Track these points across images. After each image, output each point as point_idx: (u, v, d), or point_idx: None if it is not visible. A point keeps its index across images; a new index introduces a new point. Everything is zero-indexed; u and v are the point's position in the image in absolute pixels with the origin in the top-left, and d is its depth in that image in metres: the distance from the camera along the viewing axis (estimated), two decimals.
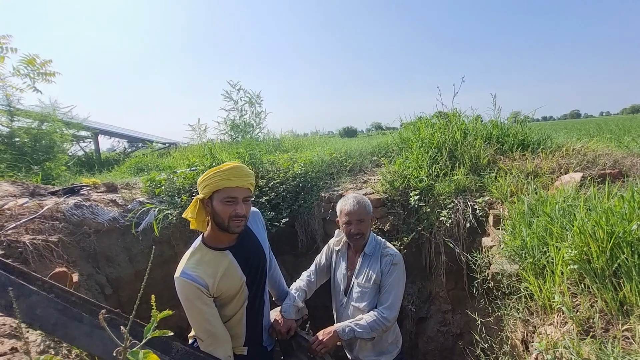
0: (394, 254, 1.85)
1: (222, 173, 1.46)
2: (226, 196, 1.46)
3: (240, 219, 1.50)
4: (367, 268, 1.85)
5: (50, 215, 2.25)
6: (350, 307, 1.89)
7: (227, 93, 5.79)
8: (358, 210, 1.81)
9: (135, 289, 2.49)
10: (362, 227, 1.83)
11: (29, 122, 4.47)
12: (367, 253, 1.87)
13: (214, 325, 1.50)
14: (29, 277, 1.05)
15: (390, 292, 1.80)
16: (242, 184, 1.48)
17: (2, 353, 1.20)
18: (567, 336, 1.18)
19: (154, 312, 0.51)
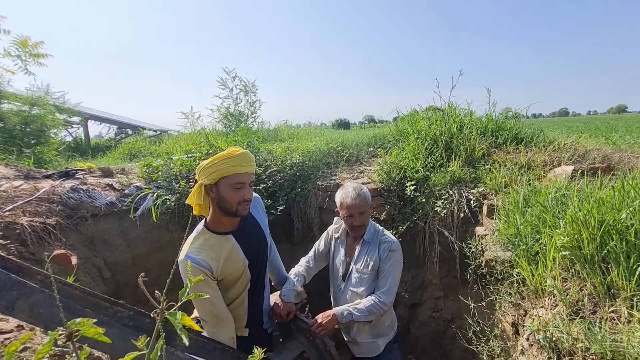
0: (392, 240, 1.90)
1: (233, 159, 1.47)
2: (236, 182, 1.49)
3: (247, 203, 1.54)
4: (365, 255, 1.90)
5: (47, 198, 2.23)
6: (348, 292, 1.94)
7: (223, 80, 5.71)
8: (360, 204, 1.83)
9: (133, 273, 2.50)
10: (364, 219, 1.87)
11: (19, 105, 4.36)
12: (366, 240, 1.92)
13: (218, 307, 1.53)
14: (29, 271, 1.01)
15: (388, 277, 1.85)
16: (249, 169, 1.52)
17: (8, 331, 1.21)
18: (558, 317, 1.25)
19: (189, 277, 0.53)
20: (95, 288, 2.08)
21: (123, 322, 1.08)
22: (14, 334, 1.21)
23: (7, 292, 0.92)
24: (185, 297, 0.50)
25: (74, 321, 0.51)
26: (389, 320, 1.98)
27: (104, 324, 1.00)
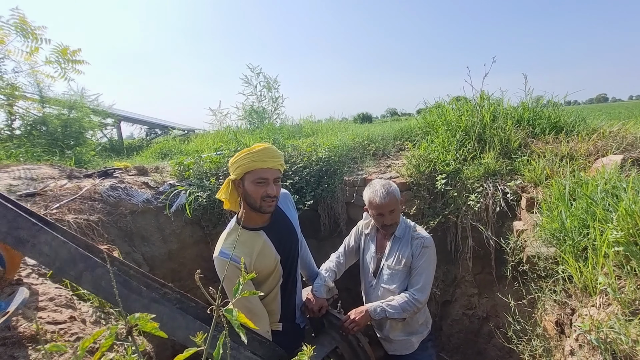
0: (425, 237, 1.84)
1: (254, 154, 1.47)
2: (257, 177, 1.49)
3: (271, 199, 1.52)
4: (397, 251, 1.86)
5: (89, 196, 2.35)
6: (380, 289, 1.92)
7: (247, 78, 5.79)
8: (389, 202, 1.78)
9: (169, 267, 2.60)
10: (395, 217, 1.83)
11: (59, 108, 4.62)
12: (397, 236, 1.87)
13: (253, 302, 1.56)
14: (93, 249, 1.12)
15: (422, 274, 1.80)
16: (272, 165, 1.50)
17: (62, 321, 1.29)
18: (613, 317, 1.17)
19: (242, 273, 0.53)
20: None
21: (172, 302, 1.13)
22: (67, 325, 1.29)
23: (75, 265, 1.04)
24: (240, 294, 0.50)
25: (134, 316, 0.52)
26: (422, 318, 1.94)
27: (156, 302, 1.08)
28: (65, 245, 1.04)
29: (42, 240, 1.03)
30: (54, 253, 1.03)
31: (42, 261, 1.05)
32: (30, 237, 1.02)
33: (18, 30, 3.67)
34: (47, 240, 1.03)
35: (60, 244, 1.04)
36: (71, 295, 1.50)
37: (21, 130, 4.20)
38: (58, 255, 1.03)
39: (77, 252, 1.03)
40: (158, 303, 1.09)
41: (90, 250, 1.10)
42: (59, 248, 1.04)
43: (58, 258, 1.03)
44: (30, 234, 1.02)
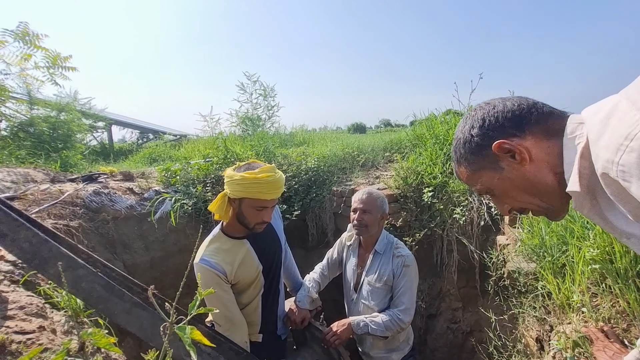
0: (406, 255, 1.82)
1: (261, 185, 1.42)
2: (259, 205, 1.46)
3: (265, 223, 1.53)
4: (377, 267, 1.84)
5: (71, 201, 2.31)
6: (361, 304, 1.90)
7: (242, 85, 5.80)
8: (365, 200, 1.82)
9: (151, 276, 2.55)
10: (366, 218, 1.81)
11: (48, 111, 4.57)
12: (378, 251, 1.86)
13: (232, 311, 1.54)
14: (76, 249, 1.11)
15: (405, 294, 1.78)
16: (277, 195, 1.49)
17: (31, 331, 1.25)
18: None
19: (199, 289, 0.52)
20: None
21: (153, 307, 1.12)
22: (35, 335, 1.24)
23: (56, 263, 1.02)
24: (195, 310, 0.49)
25: (86, 331, 0.51)
26: (404, 336, 1.92)
27: (138, 306, 1.06)
28: (47, 243, 1.04)
29: (21, 236, 1.03)
30: (34, 250, 1.03)
31: (21, 257, 1.07)
32: (9, 232, 1.02)
33: (18, 38, 3.74)
34: (27, 237, 1.04)
35: (41, 241, 1.05)
36: (43, 304, 1.45)
37: (7, 131, 4.14)
38: (38, 253, 1.04)
39: (58, 250, 1.02)
40: (139, 307, 1.07)
41: (72, 250, 1.09)
42: (40, 245, 1.04)
43: (38, 255, 1.04)
44: (10, 228, 1.02)
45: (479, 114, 0.71)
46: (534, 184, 0.67)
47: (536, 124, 0.66)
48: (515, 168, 0.67)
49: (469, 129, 0.72)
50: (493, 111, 0.69)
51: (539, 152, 0.65)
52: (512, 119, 0.67)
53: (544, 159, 0.65)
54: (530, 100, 0.70)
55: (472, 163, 0.73)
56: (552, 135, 0.65)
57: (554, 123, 0.66)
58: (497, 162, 0.69)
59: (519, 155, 0.65)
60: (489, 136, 0.68)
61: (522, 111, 0.67)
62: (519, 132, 0.66)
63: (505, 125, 0.67)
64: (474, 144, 0.71)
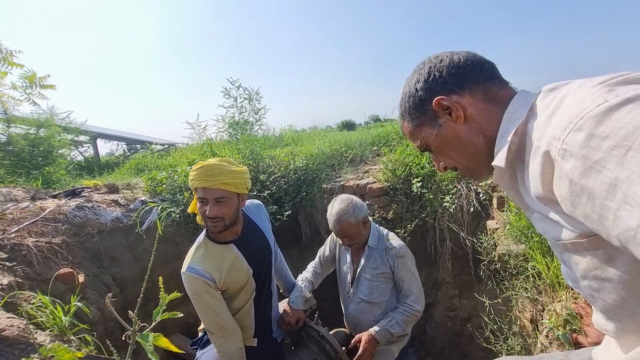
0: (398, 246, 1.81)
1: (193, 172, 1.42)
2: (198, 196, 1.44)
3: (211, 220, 1.43)
4: (372, 261, 1.83)
5: (53, 217, 2.24)
6: (357, 299, 1.89)
7: (227, 90, 5.75)
8: (340, 230, 1.76)
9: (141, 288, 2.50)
10: (354, 239, 1.79)
11: (26, 128, 4.46)
12: (370, 246, 1.84)
13: (223, 318, 1.50)
14: None
15: (410, 284, 1.79)
16: (209, 184, 1.39)
17: None
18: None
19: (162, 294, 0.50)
20: (103, 305, 2.07)
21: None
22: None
23: None
24: (160, 316, 0.46)
25: (45, 347, 0.48)
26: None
27: None
28: None
29: None
30: None
31: None
32: None
33: None
34: None
35: None
36: (26, 325, 1.40)
37: None
38: None
39: None
40: None
41: None
42: None
43: None
44: None
45: (426, 67, 0.70)
46: (463, 143, 0.67)
47: (476, 84, 0.66)
48: (450, 126, 0.67)
49: (415, 83, 0.71)
50: (439, 65, 0.68)
51: (474, 112, 0.65)
52: (454, 74, 0.66)
53: (477, 121, 0.65)
54: (478, 57, 0.68)
55: (415, 118, 0.73)
56: (492, 100, 0.65)
57: (496, 90, 0.65)
58: (436, 118, 0.69)
59: (454, 112, 0.66)
60: (432, 91, 0.68)
61: (466, 67, 0.66)
62: (458, 89, 0.66)
63: (447, 81, 0.67)
64: (417, 99, 0.70)
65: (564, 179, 0.45)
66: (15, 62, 3.76)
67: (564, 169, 0.45)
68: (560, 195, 0.48)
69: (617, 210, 0.39)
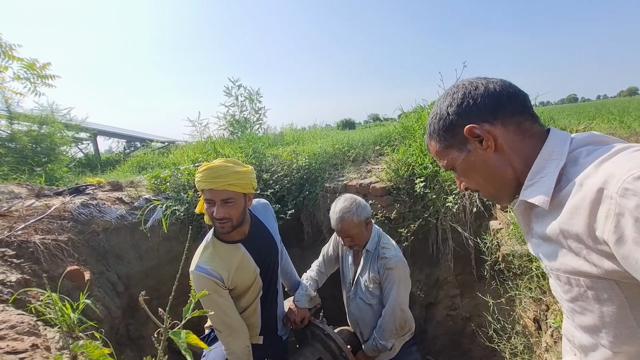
0: (390, 256, 1.76)
1: (199, 174, 1.42)
2: (205, 198, 1.45)
3: (219, 221, 1.44)
4: (369, 266, 1.84)
5: (58, 215, 2.25)
6: (358, 300, 1.91)
7: (228, 89, 5.76)
8: (342, 228, 1.75)
9: (147, 285, 2.51)
10: (355, 240, 1.78)
11: (29, 125, 4.45)
12: (369, 250, 1.84)
13: (231, 316, 1.52)
14: None
15: (389, 295, 1.76)
16: (216, 186, 1.39)
17: (23, 350, 1.21)
18: None
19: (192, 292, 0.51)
20: (109, 303, 2.09)
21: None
22: (28, 354, 1.21)
23: None
24: (190, 314, 0.48)
25: (77, 344, 0.49)
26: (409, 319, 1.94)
27: None
28: None
29: None
30: None
31: None
32: None
33: None
34: None
35: None
36: (35, 322, 1.41)
37: None
38: None
39: None
40: None
41: None
42: None
43: None
44: None
45: (460, 92, 0.71)
46: (492, 171, 0.70)
47: (510, 115, 0.67)
48: (480, 153, 0.70)
49: (447, 106, 0.73)
50: (474, 92, 0.69)
51: (505, 144, 0.67)
52: (489, 103, 0.68)
53: (507, 152, 0.68)
54: (513, 88, 0.70)
55: (443, 140, 0.75)
56: (523, 134, 0.67)
57: (529, 124, 0.68)
58: (466, 144, 0.71)
59: (485, 142, 0.68)
60: (464, 117, 0.70)
61: (501, 98, 0.68)
62: (491, 118, 0.68)
63: (481, 109, 0.68)
64: (447, 122, 0.72)
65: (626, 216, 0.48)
66: (14, 56, 3.75)
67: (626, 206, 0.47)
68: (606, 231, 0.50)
69: None
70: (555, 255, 0.62)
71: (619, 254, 0.49)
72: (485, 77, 0.73)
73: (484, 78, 0.72)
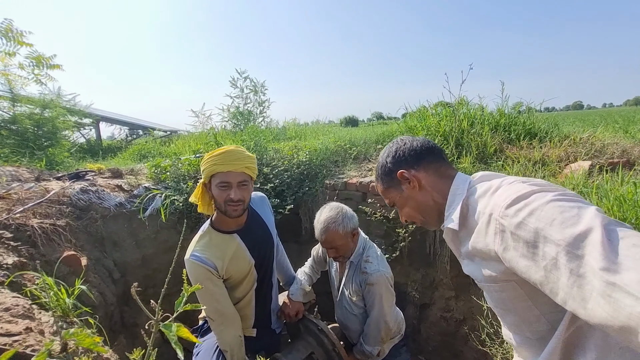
0: (371, 272, 1.69)
1: (215, 157, 1.43)
2: (220, 181, 1.44)
3: (235, 203, 1.46)
4: (352, 279, 1.80)
5: (57, 199, 2.25)
6: (343, 307, 1.91)
7: (234, 80, 5.74)
8: (327, 239, 1.70)
9: (143, 274, 2.52)
10: (339, 251, 1.74)
11: (32, 108, 4.45)
12: (352, 261, 1.80)
13: (224, 305, 1.52)
14: None
15: (372, 310, 1.74)
16: (234, 168, 1.43)
17: (17, 333, 1.22)
18: None
19: (185, 286, 0.51)
20: (105, 289, 2.09)
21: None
22: (22, 337, 1.21)
23: None
24: (182, 307, 0.47)
25: (68, 331, 0.49)
26: (394, 326, 1.94)
27: None
28: None
29: None
30: None
31: None
32: None
33: (1, 35, 3.64)
34: None
35: None
36: (30, 305, 1.42)
37: None
38: None
39: None
40: None
41: None
42: None
43: None
44: None
45: (394, 147, 0.97)
46: (419, 204, 0.93)
47: (429, 163, 0.93)
48: (410, 191, 0.93)
49: (386, 157, 0.98)
50: (404, 147, 0.95)
51: (427, 184, 0.91)
52: (414, 155, 0.93)
53: (429, 190, 0.91)
54: (431, 144, 0.96)
55: (385, 182, 0.99)
56: (440, 176, 0.92)
57: (444, 168, 0.93)
58: (400, 185, 0.95)
59: (412, 182, 0.91)
60: (397, 165, 0.94)
61: (422, 151, 0.93)
62: (416, 165, 0.92)
63: (408, 159, 0.93)
64: (386, 169, 0.96)
65: (507, 232, 0.65)
66: (25, 42, 3.77)
67: (505, 224, 0.65)
68: (495, 244, 0.69)
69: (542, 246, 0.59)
70: (475, 269, 0.80)
71: (506, 260, 0.67)
72: (414, 135, 0.99)
73: (412, 136, 0.99)
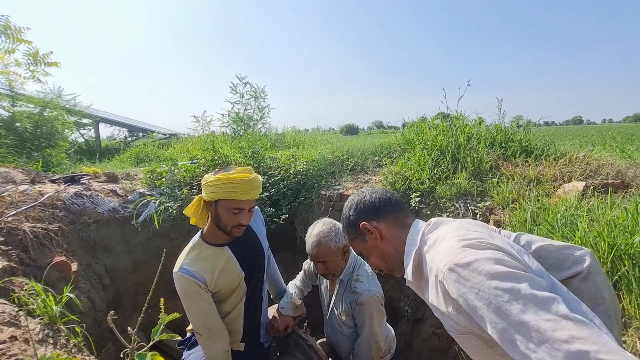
0: (361, 292, 1.67)
1: (234, 185, 1.39)
2: (234, 207, 1.43)
3: (243, 227, 1.49)
4: (342, 298, 1.77)
5: (51, 203, 2.24)
6: (332, 325, 1.88)
7: (234, 85, 5.78)
8: (317, 254, 1.68)
9: (133, 280, 2.50)
10: (329, 268, 1.71)
11: (31, 107, 4.45)
12: (342, 280, 1.78)
13: (212, 320, 1.51)
14: None
15: (362, 330, 1.72)
16: (252, 196, 1.44)
17: (1, 341, 1.20)
18: None
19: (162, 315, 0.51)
20: (95, 295, 2.07)
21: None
22: (6, 345, 1.20)
23: None
24: (158, 336, 0.47)
25: (45, 355, 0.49)
26: (385, 345, 1.91)
27: None
28: None
29: None
30: None
31: None
32: None
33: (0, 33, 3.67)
34: None
35: None
36: (17, 312, 1.41)
37: None
38: None
39: None
40: None
41: None
42: None
43: None
44: None
45: (355, 199, 1.03)
46: (383, 253, 0.98)
47: (388, 214, 0.98)
48: (372, 241, 0.98)
49: (349, 209, 1.04)
50: (364, 199, 1.02)
51: (387, 233, 0.97)
52: (373, 208, 0.99)
53: (389, 239, 0.97)
54: (389, 195, 1.02)
55: (350, 234, 1.04)
56: (399, 225, 0.97)
57: (402, 217, 0.99)
58: (363, 235, 1.00)
59: (374, 233, 0.97)
60: (359, 217, 1.00)
61: (380, 203, 0.99)
62: (376, 217, 0.98)
63: (369, 212, 0.99)
64: (350, 221, 1.02)
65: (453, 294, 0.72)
66: (24, 39, 3.78)
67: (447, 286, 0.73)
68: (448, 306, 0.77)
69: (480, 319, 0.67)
70: (441, 316, 0.86)
71: (452, 315, 0.76)
72: (373, 188, 1.06)
73: (371, 188, 1.05)
